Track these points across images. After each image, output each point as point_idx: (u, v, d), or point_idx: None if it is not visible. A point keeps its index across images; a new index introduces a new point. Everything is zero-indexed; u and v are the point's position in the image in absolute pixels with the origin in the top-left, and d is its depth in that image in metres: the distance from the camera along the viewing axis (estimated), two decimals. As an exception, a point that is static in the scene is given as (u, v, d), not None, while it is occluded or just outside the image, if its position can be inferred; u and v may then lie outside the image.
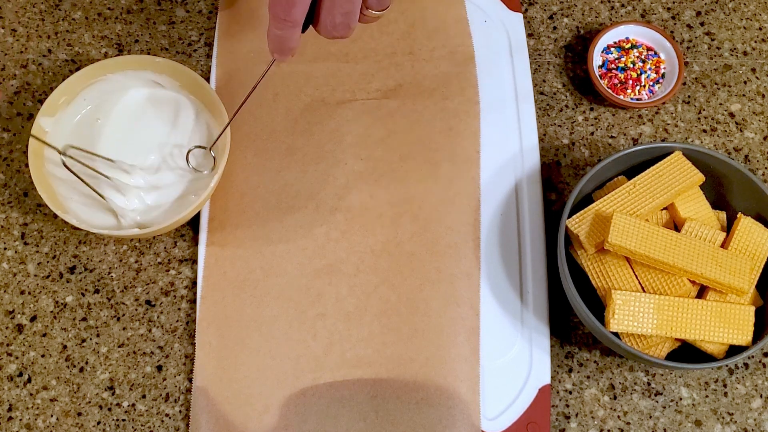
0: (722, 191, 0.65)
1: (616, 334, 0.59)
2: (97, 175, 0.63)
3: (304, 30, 0.52)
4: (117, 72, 0.67)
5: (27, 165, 0.63)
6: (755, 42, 0.77)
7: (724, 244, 0.61)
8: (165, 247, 0.68)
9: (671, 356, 0.61)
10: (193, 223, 0.68)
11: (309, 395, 0.62)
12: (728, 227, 0.64)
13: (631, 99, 0.72)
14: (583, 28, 0.77)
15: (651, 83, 0.73)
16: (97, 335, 0.65)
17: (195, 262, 0.67)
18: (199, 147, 0.65)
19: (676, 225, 0.64)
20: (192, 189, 0.66)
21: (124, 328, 0.65)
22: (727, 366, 0.65)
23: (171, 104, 0.68)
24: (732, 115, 0.74)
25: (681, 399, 0.64)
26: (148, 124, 0.67)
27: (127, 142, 0.66)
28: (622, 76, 0.73)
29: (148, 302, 0.66)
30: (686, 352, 0.61)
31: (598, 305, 0.61)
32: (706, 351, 0.59)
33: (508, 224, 0.68)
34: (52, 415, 0.62)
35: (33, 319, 0.65)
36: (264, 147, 0.70)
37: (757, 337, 0.58)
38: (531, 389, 0.63)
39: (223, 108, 0.65)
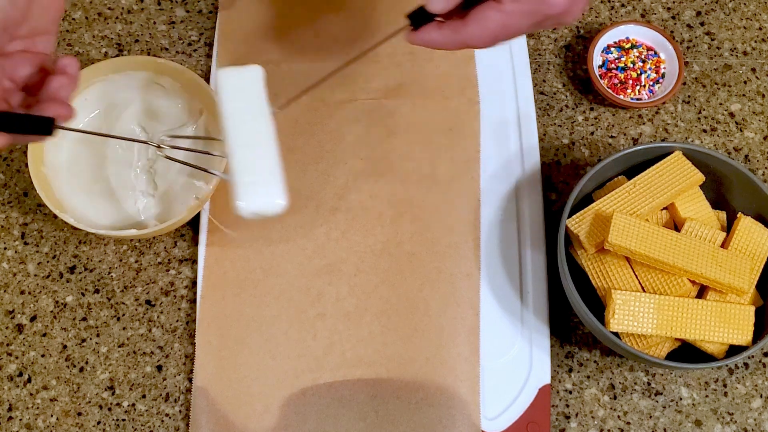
0: (722, 191, 0.65)
1: (616, 334, 0.59)
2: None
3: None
4: (117, 72, 0.67)
5: (27, 165, 0.63)
6: (755, 42, 0.77)
7: (724, 244, 0.61)
8: (165, 247, 0.68)
9: (671, 356, 0.60)
10: (193, 223, 0.68)
11: (309, 395, 0.62)
12: (728, 227, 0.64)
13: (631, 99, 0.72)
14: (583, 28, 0.77)
15: (651, 83, 0.73)
16: (97, 335, 0.65)
17: (195, 262, 0.67)
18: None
19: (676, 225, 0.64)
20: (192, 189, 0.66)
21: (124, 328, 0.65)
22: (727, 366, 0.65)
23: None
24: (732, 115, 0.74)
25: (681, 399, 0.64)
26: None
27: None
28: (622, 75, 0.73)
29: (148, 302, 0.66)
30: (686, 352, 0.61)
31: (598, 305, 0.61)
32: (706, 351, 0.59)
33: (508, 224, 0.68)
34: (52, 415, 0.62)
35: (33, 319, 0.65)
36: (264, 147, 0.70)
37: (757, 337, 0.58)
38: (531, 389, 0.63)
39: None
